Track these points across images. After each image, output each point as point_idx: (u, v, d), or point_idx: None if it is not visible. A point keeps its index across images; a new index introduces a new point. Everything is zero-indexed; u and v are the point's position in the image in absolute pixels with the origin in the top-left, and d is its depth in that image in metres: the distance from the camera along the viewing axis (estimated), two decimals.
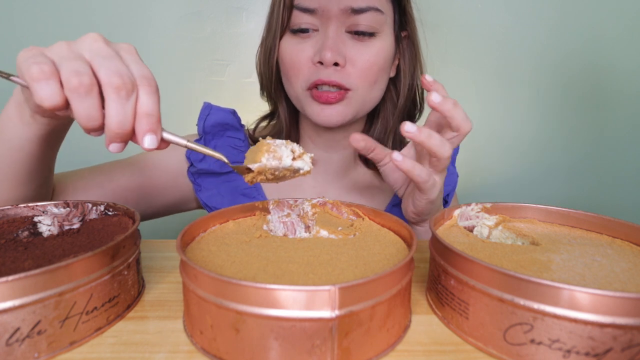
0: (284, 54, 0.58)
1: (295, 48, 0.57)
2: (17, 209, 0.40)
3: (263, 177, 0.36)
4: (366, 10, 0.54)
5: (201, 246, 0.35)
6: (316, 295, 0.25)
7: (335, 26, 0.55)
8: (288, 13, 0.56)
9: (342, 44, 0.55)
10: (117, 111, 0.31)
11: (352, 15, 0.54)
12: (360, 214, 0.42)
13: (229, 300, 0.26)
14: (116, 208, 0.41)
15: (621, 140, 1.08)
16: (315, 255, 0.33)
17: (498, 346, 0.28)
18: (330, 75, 0.54)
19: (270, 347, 0.26)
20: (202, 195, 0.65)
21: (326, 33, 0.55)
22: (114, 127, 0.31)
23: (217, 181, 0.65)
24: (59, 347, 0.28)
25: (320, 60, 0.54)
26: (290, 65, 0.57)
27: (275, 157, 0.35)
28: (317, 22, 0.56)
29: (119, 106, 0.31)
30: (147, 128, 0.32)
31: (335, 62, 0.54)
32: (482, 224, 0.41)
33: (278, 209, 0.42)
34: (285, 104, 0.64)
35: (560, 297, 0.25)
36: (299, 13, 0.55)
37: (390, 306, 0.28)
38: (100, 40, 0.33)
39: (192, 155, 0.64)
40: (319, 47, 0.55)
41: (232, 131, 0.67)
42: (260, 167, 0.35)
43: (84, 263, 0.28)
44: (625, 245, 0.36)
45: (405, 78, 0.63)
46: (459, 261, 0.30)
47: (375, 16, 0.55)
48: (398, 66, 0.63)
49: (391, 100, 0.65)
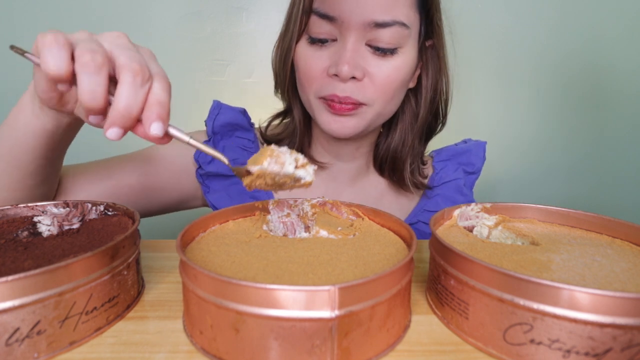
0: (299, 60, 0.55)
1: (312, 56, 0.54)
2: (16, 209, 0.40)
3: (262, 182, 0.35)
4: (391, 24, 0.50)
5: (201, 246, 0.35)
6: (316, 295, 0.25)
7: (355, 38, 0.51)
8: (306, 18, 0.53)
9: (360, 57, 0.52)
10: (128, 93, 0.31)
11: (375, 29, 0.50)
12: (360, 214, 0.42)
13: (228, 300, 0.26)
14: (116, 208, 0.41)
15: (621, 140, 1.08)
16: (315, 255, 0.33)
17: (498, 346, 0.28)
18: (345, 90, 0.52)
19: (270, 347, 0.26)
20: (210, 197, 0.64)
21: (345, 45, 0.51)
22: (121, 108, 0.31)
23: (226, 183, 0.64)
24: (59, 347, 0.28)
25: (337, 73, 0.51)
26: (305, 73, 0.55)
27: (278, 162, 0.34)
28: (336, 31, 0.52)
29: (132, 89, 0.31)
30: (156, 115, 0.32)
31: (352, 76, 0.51)
32: (482, 224, 0.41)
33: (278, 209, 0.42)
34: (299, 105, 0.62)
35: (560, 297, 0.25)
36: (318, 19, 0.52)
37: (390, 306, 0.28)
38: (123, 36, 0.35)
39: (200, 158, 0.63)
40: (336, 59, 0.51)
41: (241, 131, 0.66)
42: (260, 171, 0.34)
43: (83, 263, 0.28)
44: (625, 245, 0.36)
45: (426, 92, 0.60)
46: (458, 261, 0.30)
47: (400, 31, 0.51)
48: (419, 76, 0.60)
49: (411, 112, 0.62)
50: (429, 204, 0.66)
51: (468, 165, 0.71)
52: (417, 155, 0.65)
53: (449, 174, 0.69)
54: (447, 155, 0.72)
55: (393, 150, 0.62)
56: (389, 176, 0.65)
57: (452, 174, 0.69)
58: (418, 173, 0.65)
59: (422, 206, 0.66)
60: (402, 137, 0.62)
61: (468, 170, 0.71)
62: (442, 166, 0.70)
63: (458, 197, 0.67)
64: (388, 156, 0.63)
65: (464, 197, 0.68)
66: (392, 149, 0.62)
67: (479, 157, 0.71)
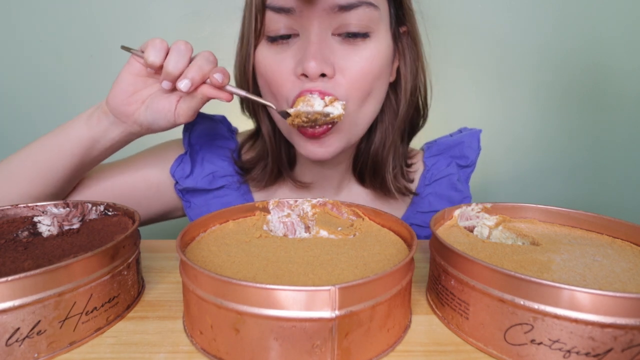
0: (260, 66, 0.50)
1: (273, 59, 0.48)
2: (17, 209, 0.40)
3: (300, 120, 0.46)
4: (357, 5, 0.45)
5: (201, 246, 0.35)
6: (316, 295, 0.25)
7: (318, 29, 0.45)
8: (261, 15, 0.48)
9: (328, 50, 0.46)
10: (201, 62, 0.45)
11: (340, 14, 0.45)
12: (360, 214, 0.42)
13: (228, 300, 0.26)
14: (116, 208, 0.41)
15: (622, 141, 1.08)
16: (315, 256, 0.33)
17: (498, 346, 0.28)
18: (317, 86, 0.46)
19: (270, 348, 0.26)
20: (191, 213, 0.60)
21: (308, 38, 0.45)
22: (195, 66, 0.45)
23: (207, 197, 0.60)
24: (59, 347, 0.28)
25: (304, 72, 0.45)
26: (269, 80, 0.49)
27: (308, 104, 0.45)
28: (296, 24, 0.46)
29: (203, 60, 0.46)
30: (219, 70, 0.46)
31: (321, 72, 0.45)
32: (483, 224, 0.41)
33: (278, 209, 0.42)
34: (267, 120, 0.56)
35: (560, 298, 0.25)
36: (273, 14, 0.47)
37: (390, 306, 0.28)
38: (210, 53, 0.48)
39: (176, 173, 0.58)
40: (300, 57, 0.46)
41: (221, 140, 0.61)
42: (296, 111, 0.45)
43: (83, 263, 0.28)
44: (626, 246, 0.36)
45: (406, 82, 0.54)
46: (459, 261, 0.30)
47: (368, 12, 0.46)
48: (398, 69, 0.55)
49: (390, 109, 0.56)
50: (422, 203, 0.62)
51: (461, 159, 0.64)
52: (399, 157, 0.59)
53: (441, 169, 0.63)
54: (438, 149, 0.65)
55: (373, 153, 0.57)
56: (371, 184, 0.60)
57: (445, 170, 0.63)
58: (402, 177, 0.60)
59: (414, 207, 0.62)
60: (382, 138, 0.56)
61: (461, 164, 0.64)
62: (433, 162, 0.64)
63: (453, 194, 0.62)
64: (368, 160, 0.58)
65: (459, 193, 0.63)
66: (373, 152, 0.57)
67: (473, 149, 0.64)
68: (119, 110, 0.48)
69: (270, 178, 0.59)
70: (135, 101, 0.48)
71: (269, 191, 0.62)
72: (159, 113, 0.47)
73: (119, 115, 0.48)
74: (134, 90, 0.48)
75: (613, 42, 1.02)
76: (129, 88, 0.47)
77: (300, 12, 0.45)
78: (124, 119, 0.48)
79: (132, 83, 0.47)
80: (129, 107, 0.48)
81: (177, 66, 0.44)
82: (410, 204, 0.63)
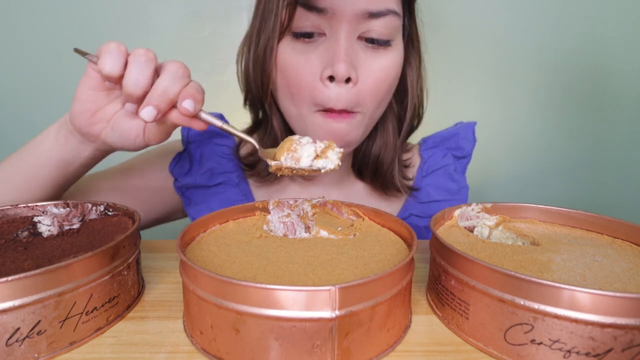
0: (284, 64, 0.49)
1: (300, 58, 0.48)
2: (16, 209, 0.40)
3: (283, 173, 0.39)
4: (385, 14, 0.46)
5: (201, 246, 0.35)
6: (316, 295, 0.25)
7: (347, 32, 0.46)
8: (291, 11, 0.46)
9: (354, 54, 0.47)
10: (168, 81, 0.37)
11: (368, 20, 0.46)
12: (360, 214, 0.42)
13: (229, 300, 0.26)
14: (116, 208, 0.41)
15: (622, 141, 1.08)
16: (315, 256, 0.33)
17: (498, 346, 0.28)
18: (340, 97, 0.47)
19: (270, 348, 0.26)
20: (190, 210, 0.61)
21: (337, 40, 0.46)
22: (159, 89, 0.37)
23: (207, 194, 0.60)
24: (59, 347, 0.28)
25: (332, 74, 0.46)
26: (291, 80, 0.49)
27: (294, 158, 0.36)
28: (325, 24, 0.46)
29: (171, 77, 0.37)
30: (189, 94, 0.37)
31: (348, 77, 0.46)
32: (483, 224, 0.41)
33: (278, 209, 0.42)
34: (279, 113, 0.56)
35: (560, 298, 0.25)
36: (305, 12, 0.46)
37: (390, 306, 0.28)
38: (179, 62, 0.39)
39: (175, 170, 0.59)
40: (328, 59, 0.46)
41: (219, 138, 0.62)
42: (277, 165, 0.37)
43: (83, 263, 0.28)
44: (626, 246, 0.36)
45: (412, 89, 0.56)
46: (459, 261, 0.30)
47: (393, 21, 0.47)
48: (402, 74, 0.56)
49: (392, 112, 0.57)
50: (420, 194, 0.63)
51: (457, 150, 0.66)
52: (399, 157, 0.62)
53: (437, 161, 0.65)
54: (434, 142, 0.67)
55: (376, 155, 0.58)
56: (371, 181, 0.61)
57: (441, 161, 0.65)
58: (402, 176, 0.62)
59: (413, 198, 0.63)
60: (384, 141, 0.57)
61: (457, 155, 0.66)
62: (430, 154, 0.66)
63: (449, 184, 0.64)
64: (369, 161, 0.59)
65: (456, 183, 0.65)
66: (374, 153, 0.58)
67: (468, 140, 0.66)
68: (84, 131, 0.42)
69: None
70: (100, 120, 0.42)
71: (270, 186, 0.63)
72: (127, 137, 0.42)
73: (85, 136, 0.43)
74: (96, 107, 0.41)
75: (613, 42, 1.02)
76: (89, 106, 0.41)
77: (333, 13, 0.45)
78: (92, 139, 0.43)
79: (93, 100, 0.41)
80: (93, 127, 0.42)
81: (138, 84, 0.37)
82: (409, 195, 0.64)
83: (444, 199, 0.63)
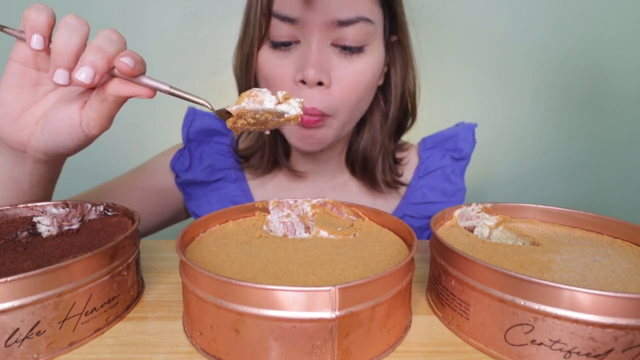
0: (263, 68, 0.52)
1: (276, 64, 0.51)
2: (16, 209, 0.40)
3: (244, 122, 0.35)
4: (355, 21, 0.48)
5: (201, 246, 0.35)
6: (316, 296, 0.25)
7: (318, 39, 0.48)
8: (266, 21, 0.50)
9: (326, 59, 0.49)
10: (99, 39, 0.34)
11: (339, 28, 0.48)
12: (360, 214, 0.42)
13: (228, 301, 0.25)
14: (115, 208, 0.41)
15: (622, 141, 1.08)
16: (315, 256, 0.33)
17: (499, 347, 0.28)
18: (312, 100, 0.49)
19: (270, 348, 0.25)
20: (190, 205, 0.63)
21: (309, 47, 0.48)
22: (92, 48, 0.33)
23: (206, 190, 0.62)
24: (58, 347, 0.28)
25: (303, 79, 0.48)
26: (272, 83, 0.52)
27: (256, 101, 0.35)
28: (298, 33, 0.49)
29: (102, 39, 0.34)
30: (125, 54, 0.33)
31: (319, 81, 0.48)
32: (483, 224, 0.41)
33: (278, 210, 0.42)
34: None
35: (561, 298, 0.25)
36: (278, 22, 0.49)
37: (390, 307, 0.28)
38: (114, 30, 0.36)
39: (176, 166, 0.62)
40: (301, 64, 0.49)
41: (218, 137, 0.64)
42: (239, 110, 0.34)
43: (83, 264, 0.28)
44: (626, 246, 0.36)
45: (396, 89, 0.58)
46: (459, 261, 0.30)
47: (365, 27, 0.49)
48: (387, 73, 0.58)
49: (379, 110, 0.59)
50: (415, 195, 0.64)
51: (455, 151, 0.67)
52: (388, 155, 0.62)
53: (435, 162, 0.66)
54: (432, 142, 0.68)
55: (363, 150, 0.60)
56: (361, 177, 0.63)
57: (439, 162, 0.66)
58: (391, 171, 0.63)
59: (407, 199, 0.64)
60: (371, 137, 0.60)
61: (456, 157, 0.67)
62: (428, 154, 0.66)
63: (446, 186, 0.64)
64: (358, 157, 0.61)
65: (453, 185, 0.65)
66: (362, 149, 0.60)
67: (468, 142, 0.67)
68: (10, 140, 0.38)
69: (267, 166, 0.62)
70: (27, 124, 0.37)
71: (265, 179, 0.64)
72: (60, 131, 0.37)
73: (13, 146, 0.38)
74: (21, 109, 0.37)
75: (613, 42, 1.02)
76: (13, 108, 0.37)
77: (303, 22, 0.48)
78: (22, 149, 0.38)
79: (15, 100, 0.36)
80: (20, 133, 0.37)
81: (69, 43, 0.33)
82: (404, 195, 0.65)
83: (439, 200, 0.64)
